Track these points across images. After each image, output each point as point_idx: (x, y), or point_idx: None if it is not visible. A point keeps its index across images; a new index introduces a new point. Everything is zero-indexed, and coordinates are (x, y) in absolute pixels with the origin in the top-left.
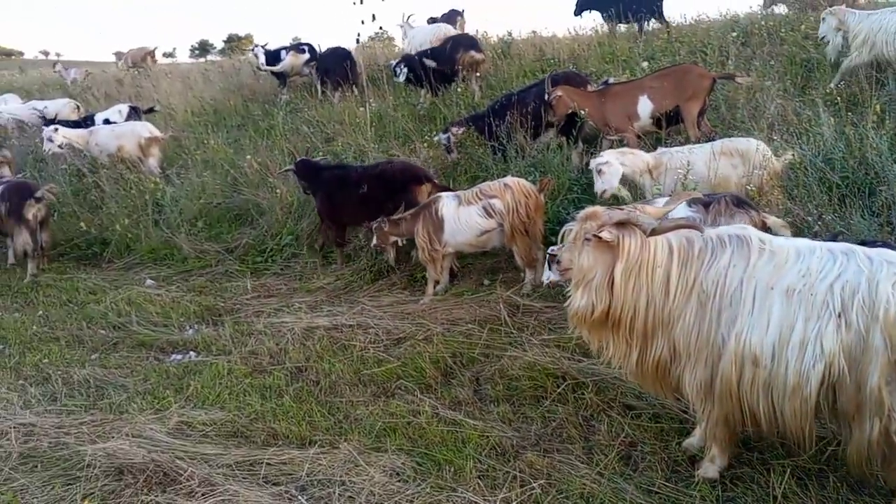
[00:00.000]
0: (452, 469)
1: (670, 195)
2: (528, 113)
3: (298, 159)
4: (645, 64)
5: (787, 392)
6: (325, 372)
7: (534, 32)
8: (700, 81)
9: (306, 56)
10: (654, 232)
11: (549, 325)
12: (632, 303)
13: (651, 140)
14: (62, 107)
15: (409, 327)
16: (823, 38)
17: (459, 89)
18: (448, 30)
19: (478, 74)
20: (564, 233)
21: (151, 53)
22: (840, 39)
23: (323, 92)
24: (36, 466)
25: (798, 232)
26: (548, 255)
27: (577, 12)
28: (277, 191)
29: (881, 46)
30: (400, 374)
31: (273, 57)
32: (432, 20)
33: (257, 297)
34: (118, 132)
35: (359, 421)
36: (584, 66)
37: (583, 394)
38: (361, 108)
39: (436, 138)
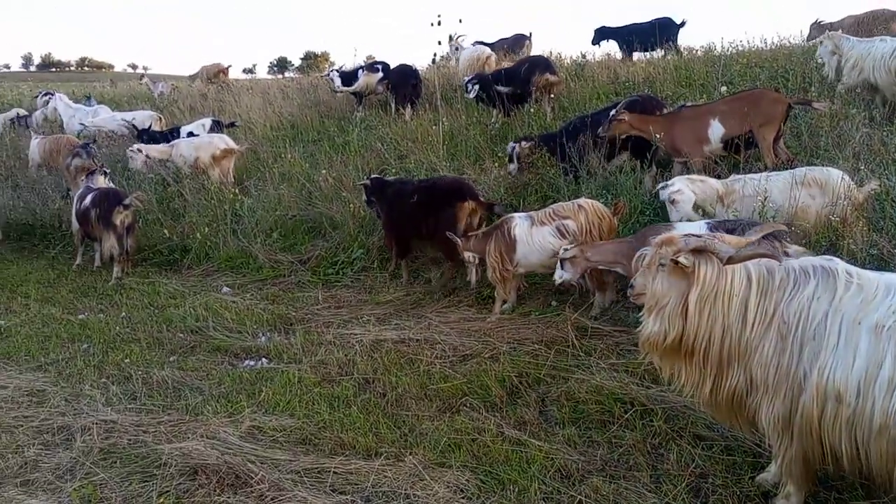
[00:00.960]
0: (516, 489)
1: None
2: (601, 126)
3: (372, 176)
4: (724, 88)
5: (872, 432)
6: (392, 385)
7: (608, 55)
8: (774, 106)
9: (380, 75)
10: (731, 260)
11: (617, 349)
12: (706, 331)
13: (728, 165)
14: (146, 118)
15: (475, 345)
16: (820, 60)
17: (532, 109)
18: (487, 52)
19: (552, 96)
20: (639, 258)
21: (224, 70)
22: (836, 62)
23: (397, 110)
24: (115, 462)
25: (883, 265)
26: (560, 255)
27: (595, 41)
28: (350, 205)
29: (868, 71)
30: (465, 391)
31: (349, 77)
32: (481, 43)
33: (328, 307)
34: (196, 144)
35: (424, 435)
36: (659, 90)
37: (651, 421)
38: (434, 126)
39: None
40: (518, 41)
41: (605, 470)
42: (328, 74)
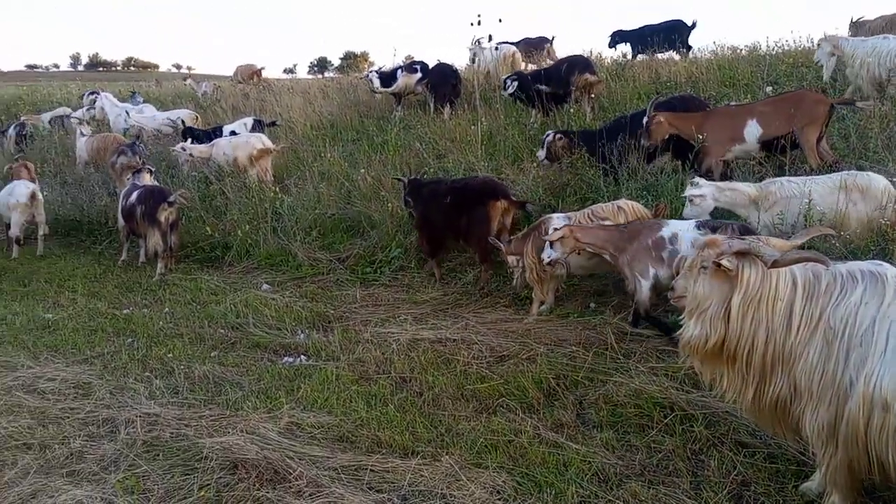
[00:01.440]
0: (553, 492)
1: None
2: (641, 136)
3: (410, 177)
4: (769, 89)
5: None
6: (429, 384)
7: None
8: (816, 107)
9: (419, 75)
10: (776, 263)
11: (657, 352)
12: (749, 336)
13: (773, 168)
14: (185, 116)
15: (512, 346)
16: (818, 62)
17: (572, 109)
18: (513, 50)
19: (592, 96)
20: (681, 260)
21: (258, 71)
22: (833, 64)
23: (435, 109)
24: (158, 455)
25: None
26: (548, 237)
27: (612, 45)
28: (389, 204)
29: (874, 69)
30: (502, 392)
31: (389, 77)
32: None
33: (365, 306)
34: (234, 143)
35: (460, 435)
36: (702, 90)
37: (692, 426)
38: (473, 126)
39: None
40: (540, 43)
41: (644, 475)
42: (367, 75)
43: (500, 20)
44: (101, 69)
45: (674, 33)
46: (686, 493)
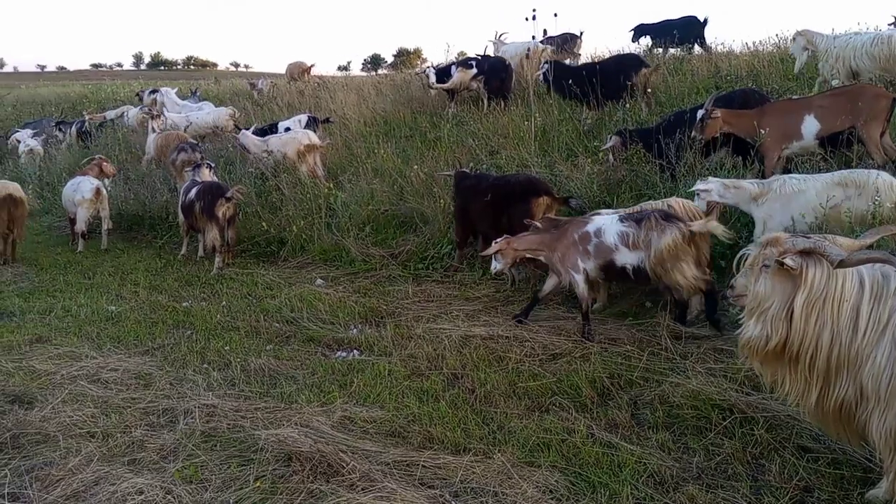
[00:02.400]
0: (607, 493)
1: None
2: (694, 129)
3: (457, 170)
4: (835, 82)
5: None
6: (481, 381)
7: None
8: (876, 102)
9: (474, 71)
10: (842, 263)
11: (714, 353)
12: (813, 337)
13: (839, 162)
14: (222, 114)
15: (565, 344)
16: (792, 55)
17: (627, 105)
18: (536, 46)
19: (649, 90)
20: (741, 258)
21: (307, 69)
22: (806, 57)
23: (489, 105)
24: (215, 445)
25: None
26: (488, 251)
27: (635, 38)
28: (441, 200)
29: (849, 60)
30: (555, 391)
31: (443, 73)
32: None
33: (417, 301)
34: (284, 140)
35: (513, 433)
36: (763, 84)
37: (752, 429)
38: (526, 122)
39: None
40: (568, 40)
41: (702, 478)
42: (424, 70)
43: (555, 14)
44: (162, 68)
45: (689, 29)
46: (746, 498)
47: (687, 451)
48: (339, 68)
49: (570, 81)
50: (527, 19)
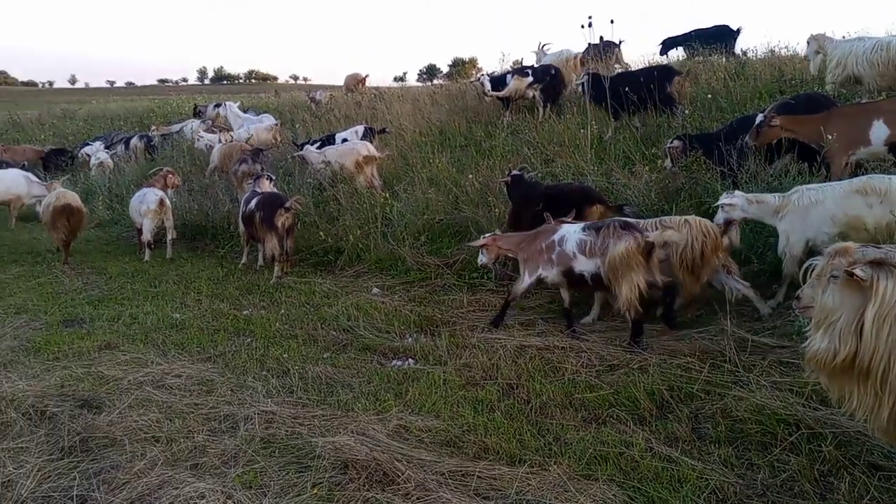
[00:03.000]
0: None
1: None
2: (749, 134)
3: (513, 172)
4: (828, 87)
5: None
6: (536, 392)
7: (771, 51)
8: None
9: (529, 79)
10: None
11: (780, 366)
12: (885, 352)
13: None
14: (264, 128)
15: (622, 354)
16: (806, 57)
17: (687, 111)
18: (574, 54)
19: (681, 100)
20: (808, 268)
21: (362, 80)
22: (819, 60)
23: (544, 113)
24: (274, 452)
25: None
26: (482, 240)
27: (664, 52)
28: (496, 210)
29: (852, 66)
30: (612, 402)
31: (499, 82)
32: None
33: (472, 311)
34: (340, 151)
35: (569, 445)
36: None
37: (819, 446)
38: (582, 130)
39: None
40: (608, 47)
41: (767, 496)
42: (479, 78)
43: (611, 21)
44: (224, 82)
45: (721, 38)
46: None
47: (751, 467)
48: (395, 79)
49: (607, 91)
50: (582, 26)
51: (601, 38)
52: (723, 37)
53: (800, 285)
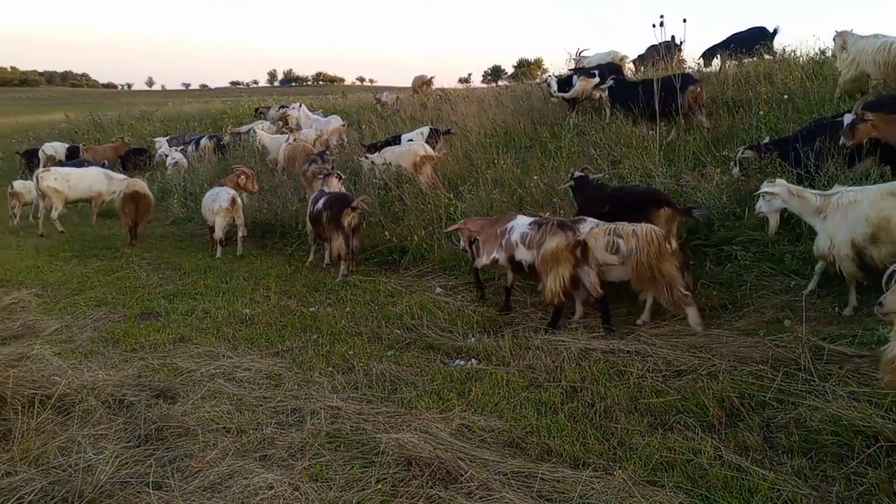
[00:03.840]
0: None
1: None
2: (842, 134)
3: (576, 174)
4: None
5: None
6: (601, 395)
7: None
8: None
9: (596, 80)
10: None
11: (858, 376)
12: None
13: None
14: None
15: (690, 360)
16: (832, 54)
17: (762, 112)
18: (620, 55)
19: (701, 108)
20: (891, 274)
21: (427, 81)
22: (845, 57)
23: (612, 113)
24: (339, 446)
25: None
26: (457, 224)
27: (707, 63)
28: (561, 211)
29: (863, 64)
30: (679, 408)
31: (565, 83)
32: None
33: (535, 312)
34: (398, 152)
35: (634, 450)
36: None
37: None
38: (651, 131)
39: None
40: (671, 47)
41: None
42: (546, 79)
43: (684, 20)
44: (293, 84)
45: (759, 40)
46: None
47: (825, 479)
48: (460, 80)
49: (630, 97)
50: (654, 26)
51: (672, 37)
52: (760, 38)
53: (883, 289)
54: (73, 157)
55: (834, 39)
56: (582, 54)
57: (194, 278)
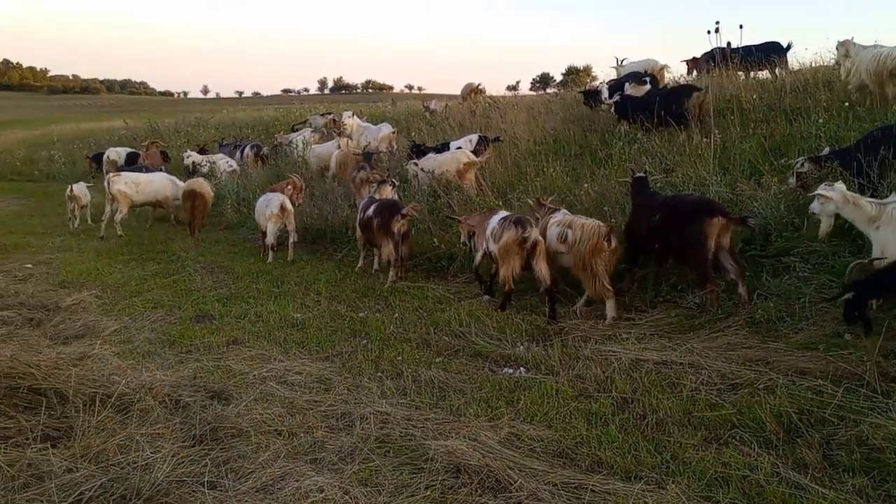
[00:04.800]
0: None
1: None
2: None
3: (637, 175)
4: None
5: None
6: (653, 407)
7: None
8: None
9: (648, 87)
10: None
11: None
12: None
13: None
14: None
15: (746, 373)
16: (837, 62)
17: (821, 120)
18: (660, 65)
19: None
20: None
21: (476, 89)
22: (849, 65)
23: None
24: (388, 451)
25: None
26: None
27: (697, 67)
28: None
29: (862, 74)
30: (735, 423)
31: (617, 89)
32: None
33: (585, 322)
34: (441, 159)
35: (688, 464)
36: None
37: None
38: (705, 139)
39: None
40: (717, 55)
41: None
42: (597, 87)
43: (740, 26)
44: (343, 92)
45: (772, 53)
46: None
47: (888, 498)
48: (508, 87)
49: (635, 108)
50: (709, 32)
51: (728, 43)
52: (772, 52)
53: None
54: (131, 163)
55: (837, 49)
56: (622, 62)
57: (247, 282)
